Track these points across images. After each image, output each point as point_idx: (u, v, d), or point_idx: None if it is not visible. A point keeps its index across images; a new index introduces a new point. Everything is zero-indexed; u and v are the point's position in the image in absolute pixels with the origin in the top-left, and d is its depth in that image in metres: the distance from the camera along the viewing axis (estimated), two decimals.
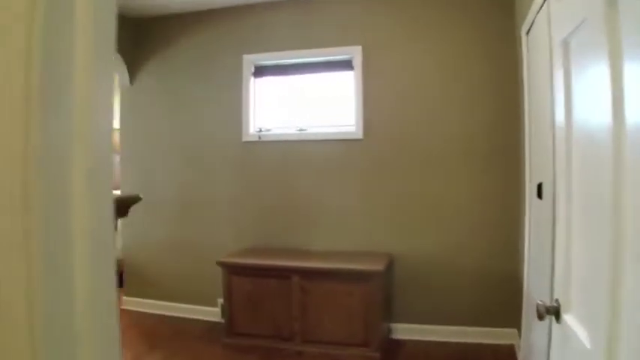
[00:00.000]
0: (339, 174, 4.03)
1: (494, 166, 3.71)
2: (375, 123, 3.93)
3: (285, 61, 4.22)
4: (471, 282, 3.73)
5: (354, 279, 3.38)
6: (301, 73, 4.20)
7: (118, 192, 6.21)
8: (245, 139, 4.30)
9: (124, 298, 4.75)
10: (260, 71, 4.31)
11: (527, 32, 2.81)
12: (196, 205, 4.47)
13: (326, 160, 4.07)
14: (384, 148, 3.91)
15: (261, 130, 4.29)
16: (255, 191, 4.27)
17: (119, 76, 4.75)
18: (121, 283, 4.79)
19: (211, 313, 4.29)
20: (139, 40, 4.67)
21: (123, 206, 1.72)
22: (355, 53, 3.95)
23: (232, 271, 3.70)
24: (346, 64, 4.01)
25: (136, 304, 4.69)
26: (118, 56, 4.59)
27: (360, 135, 3.95)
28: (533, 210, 2.75)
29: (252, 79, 4.31)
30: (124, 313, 4.69)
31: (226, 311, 3.71)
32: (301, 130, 4.18)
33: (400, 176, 3.87)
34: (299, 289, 3.49)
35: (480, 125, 3.74)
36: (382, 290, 3.39)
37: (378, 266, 3.38)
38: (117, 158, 6.27)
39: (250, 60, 4.28)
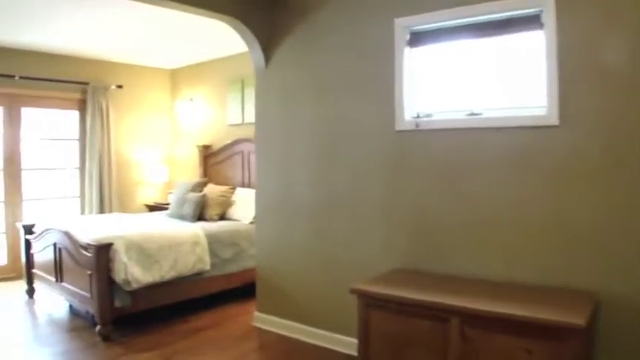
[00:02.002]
0: (522, 175, 3.01)
1: None
2: (577, 103, 2.82)
3: (449, 22, 3.29)
4: None
5: (537, 333, 2.41)
6: (471, 37, 3.26)
7: (246, 190, 5.87)
8: (399, 127, 3.49)
9: (256, 314, 4.32)
10: (417, 39, 3.47)
11: None
12: (340, 211, 3.83)
13: (505, 156, 3.07)
14: (590, 140, 2.79)
15: (419, 116, 3.45)
16: (409, 195, 3.45)
17: (252, 54, 4.27)
18: (252, 293, 4.38)
19: (352, 345, 3.57)
20: (273, 15, 4.14)
21: None
22: (546, 4, 2.89)
23: (371, 302, 2.96)
24: (532, 21, 2.97)
25: (268, 322, 4.26)
26: (251, 35, 4.10)
27: (554, 120, 2.89)
28: None
29: (406, 49, 3.49)
30: (255, 331, 4.26)
31: (361, 354, 2.98)
32: (473, 114, 3.24)
33: (616, 181, 2.73)
34: (459, 336, 2.63)
35: None
36: (581, 355, 2.37)
37: (577, 317, 2.37)
38: (247, 147, 5.97)
39: (404, 25, 3.46)
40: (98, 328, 4.08)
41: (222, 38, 5.44)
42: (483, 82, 3.26)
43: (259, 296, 4.38)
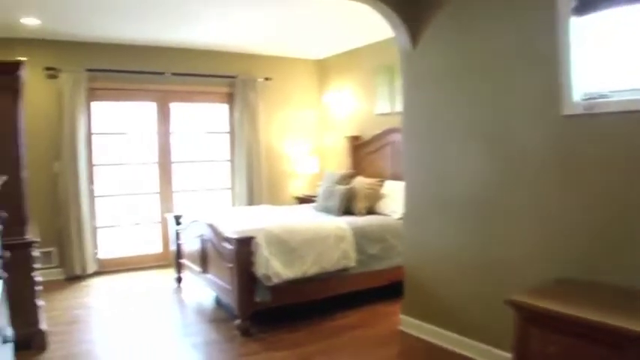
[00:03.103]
0: None
1: None
2: None
3: None
4: None
5: None
6: None
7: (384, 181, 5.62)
8: (566, 111, 3.02)
9: (402, 316, 4.09)
10: (585, 4, 2.95)
11: None
12: (494, 208, 3.46)
13: None
14: None
15: (590, 98, 2.94)
16: (581, 192, 2.96)
17: (398, 38, 4.02)
18: (399, 292, 4.19)
19: None
20: None
21: None
22: None
23: (531, 317, 2.57)
24: None
25: (413, 326, 4.02)
26: (396, 17, 3.85)
27: None
28: None
29: (571, 18, 2.99)
30: (399, 335, 4.04)
31: None
32: None
33: None
34: None
35: None
36: None
37: None
38: (397, 137, 5.68)
39: None
40: (237, 322, 4.15)
41: (369, 24, 5.25)
42: None
43: (405, 298, 4.17)
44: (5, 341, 1.66)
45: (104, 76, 6.24)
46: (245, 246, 4.15)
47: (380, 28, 4.65)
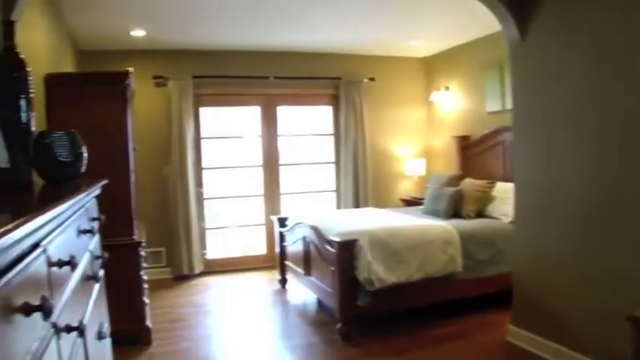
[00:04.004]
0: None
1: None
2: None
3: None
4: None
5: None
6: None
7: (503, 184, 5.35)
8: None
9: (510, 327, 3.88)
10: None
11: None
12: (623, 213, 3.13)
13: None
14: None
15: None
16: None
17: (505, 29, 3.83)
18: (509, 300, 4.00)
19: None
20: None
21: None
22: None
23: None
24: None
25: (523, 339, 3.83)
26: (502, 6, 3.68)
27: None
28: None
29: None
30: (507, 347, 3.85)
31: None
32: None
33: None
34: None
35: None
36: None
37: None
38: (508, 137, 5.40)
39: None
40: (338, 325, 4.16)
41: (475, 17, 5.06)
42: None
43: (515, 307, 3.97)
44: (100, 337, 1.75)
45: (210, 82, 6.54)
46: (347, 249, 4.16)
47: (487, 21, 4.48)
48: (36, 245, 0.96)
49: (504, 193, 5.25)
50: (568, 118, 3.49)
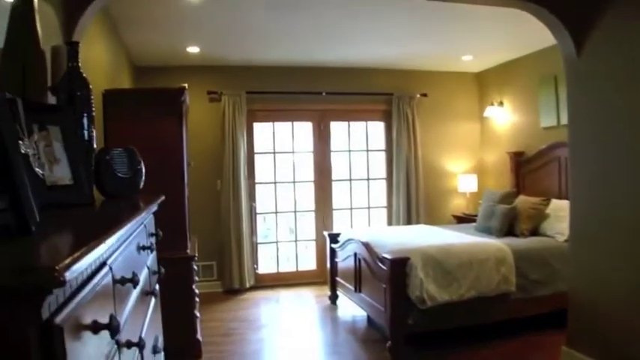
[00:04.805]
0: None
1: None
2: None
3: None
4: None
5: None
6: None
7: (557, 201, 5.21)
8: None
9: (564, 348, 3.78)
10: None
11: None
12: None
13: None
14: None
15: None
16: None
17: (561, 45, 3.78)
18: (561, 323, 3.89)
19: None
20: None
21: None
22: None
23: None
24: None
25: None
26: (556, 20, 3.62)
27: None
28: None
29: None
30: None
31: None
32: None
33: None
34: None
35: None
36: None
37: None
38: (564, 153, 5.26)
39: None
40: (388, 344, 4.12)
41: (529, 31, 5.00)
42: None
43: (570, 328, 3.84)
44: (155, 352, 1.79)
45: (263, 98, 6.66)
46: (399, 267, 4.14)
47: (541, 35, 4.43)
48: (103, 264, 1.00)
49: (559, 210, 5.14)
50: (628, 136, 3.38)
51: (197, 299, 4.24)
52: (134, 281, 1.20)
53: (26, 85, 1.82)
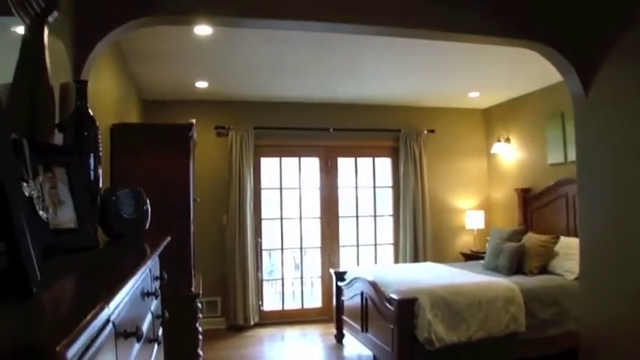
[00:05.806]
0: None
1: None
2: None
3: None
4: None
5: None
6: None
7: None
8: None
9: None
10: None
11: None
12: None
13: None
14: None
15: None
16: None
17: (568, 83, 3.74)
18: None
19: None
20: (590, 32, 3.55)
21: None
22: None
23: None
24: None
25: None
26: (564, 60, 3.60)
27: None
28: None
29: None
30: None
31: None
32: None
33: None
34: None
35: None
36: None
37: None
38: (572, 189, 5.19)
39: None
40: None
41: (534, 68, 5.01)
42: None
43: None
44: None
45: (270, 134, 6.67)
46: (407, 307, 4.08)
47: (547, 72, 4.44)
48: (107, 321, 0.96)
49: (568, 248, 5.07)
50: (637, 175, 3.34)
51: (200, 337, 4.16)
52: (138, 335, 1.16)
53: (34, 120, 1.80)
